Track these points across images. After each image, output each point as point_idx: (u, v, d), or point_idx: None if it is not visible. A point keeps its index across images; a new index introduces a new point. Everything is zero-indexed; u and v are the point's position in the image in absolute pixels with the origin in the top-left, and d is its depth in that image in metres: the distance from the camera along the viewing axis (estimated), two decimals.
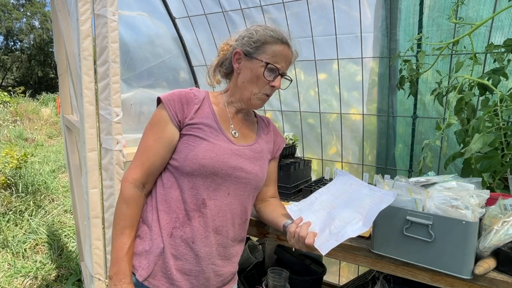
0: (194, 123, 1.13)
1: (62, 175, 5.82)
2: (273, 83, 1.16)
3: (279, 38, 1.15)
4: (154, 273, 1.09)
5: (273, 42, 1.15)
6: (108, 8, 1.48)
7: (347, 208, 1.10)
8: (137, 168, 1.12)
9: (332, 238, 1.02)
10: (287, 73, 1.22)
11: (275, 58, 1.14)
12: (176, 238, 1.10)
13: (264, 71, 1.14)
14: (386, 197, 1.05)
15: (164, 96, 1.14)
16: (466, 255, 0.96)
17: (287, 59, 1.17)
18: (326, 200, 1.17)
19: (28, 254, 3.39)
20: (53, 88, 20.47)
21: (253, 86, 1.16)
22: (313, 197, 1.20)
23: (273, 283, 1.61)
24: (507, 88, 1.54)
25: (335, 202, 1.15)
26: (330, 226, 1.06)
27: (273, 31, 1.16)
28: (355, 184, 1.18)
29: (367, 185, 1.15)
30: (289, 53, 1.18)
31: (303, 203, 1.19)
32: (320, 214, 1.13)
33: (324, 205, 1.16)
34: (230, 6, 2.31)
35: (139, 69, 2.35)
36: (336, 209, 1.12)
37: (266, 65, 1.13)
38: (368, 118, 2.16)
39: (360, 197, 1.11)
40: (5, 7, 24.52)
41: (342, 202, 1.14)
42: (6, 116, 10.02)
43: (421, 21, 1.79)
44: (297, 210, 1.16)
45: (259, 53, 1.15)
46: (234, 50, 1.19)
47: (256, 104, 1.20)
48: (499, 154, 1.28)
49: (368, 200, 1.08)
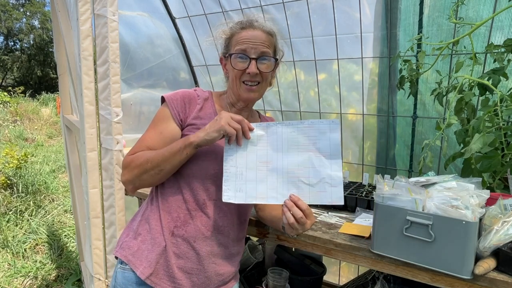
0: (196, 123, 1.14)
1: (62, 175, 5.82)
2: (248, 70, 1.12)
3: (239, 26, 1.15)
4: (156, 271, 1.10)
5: (236, 33, 1.15)
6: (108, 8, 1.48)
7: (288, 154, 1.03)
8: (133, 152, 1.14)
9: (325, 186, 1.00)
10: (278, 56, 1.20)
11: (241, 45, 1.12)
12: (178, 237, 1.11)
13: (232, 63, 1.13)
14: (322, 125, 1.02)
15: (168, 95, 1.16)
16: (466, 255, 0.96)
17: (257, 39, 1.12)
18: (247, 161, 1.04)
19: (28, 254, 3.39)
20: (53, 88, 20.46)
21: (235, 81, 1.16)
22: (228, 168, 1.04)
23: (273, 283, 1.61)
24: (507, 88, 1.54)
25: (264, 157, 1.04)
26: (295, 179, 1.02)
27: (238, 22, 1.16)
28: (261, 128, 1.06)
29: (275, 124, 1.06)
30: (257, 33, 1.13)
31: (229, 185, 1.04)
32: (261, 176, 1.04)
33: (252, 166, 1.04)
34: (230, 6, 2.31)
35: (139, 69, 2.35)
36: (274, 162, 1.04)
37: (230, 56, 1.13)
38: (368, 118, 2.16)
39: (289, 138, 1.04)
40: (5, 7, 24.52)
41: (270, 153, 1.04)
42: (6, 116, 10.02)
43: (421, 21, 1.79)
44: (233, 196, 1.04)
45: (230, 49, 1.16)
46: (220, 58, 1.22)
47: (246, 96, 1.17)
48: (499, 154, 1.28)
49: (300, 136, 1.03)
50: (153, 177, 1.09)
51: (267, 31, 1.15)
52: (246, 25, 1.14)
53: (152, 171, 1.07)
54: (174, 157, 1.05)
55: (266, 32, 1.15)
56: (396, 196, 1.06)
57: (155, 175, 1.08)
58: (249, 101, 1.21)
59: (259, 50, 1.12)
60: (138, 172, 1.08)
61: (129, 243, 1.15)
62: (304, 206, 0.99)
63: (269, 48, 1.15)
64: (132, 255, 1.12)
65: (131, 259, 1.12)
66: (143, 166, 1.07)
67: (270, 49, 1.16)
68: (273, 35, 1.18)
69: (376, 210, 1.10)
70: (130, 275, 1.11)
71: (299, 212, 0.98)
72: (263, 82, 1.17)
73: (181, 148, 1.04)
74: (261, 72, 1.14)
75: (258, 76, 1.14)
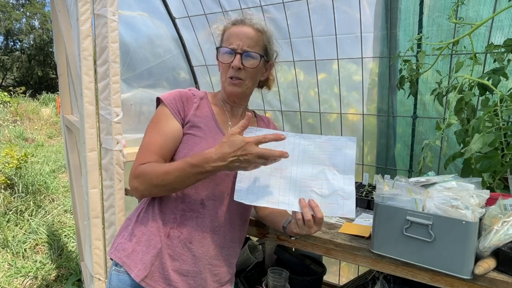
0: (193, 122, 1.14)
1: (62, 175, 5.82)
2: (232, 64, 1.13)
3: (230, 22, 1.17)
4: (151, 274, 1.09)
5: (227, 28, 1.17)
6: (108, 8, 1.48)
7: (302, 165, 1.04)
8: (144, 161, 1.10)
9: (337, 199, 1.01)
10: (273, 57, 1.22)
11: (229, 40, 1.14)
12: (174, 239, 1.10)
13: (218, 56, 1.15)
14: (339, 142, 1.03)
15: (164, 96, 1.15)
16: (466, 255, 0.96)
17: (244, 35, 1.13)
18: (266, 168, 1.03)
19: (28, 254, 3.39)
20: (53, 88, 20.43)
21: (222, 75, 1.17)
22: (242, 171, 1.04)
23: (273, 283, 1.61)
24: (507, 88, 1.54)
25: (279, 164, 1.03)
26: (307, 189, 1.02)
27: (229, 19, 1.19)
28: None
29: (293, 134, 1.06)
30: (246, 29, 1.14)
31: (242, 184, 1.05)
32: (274, 181, 1.04)
33: (265, 170, 1.04)
34: (230, 6, 2.31)
35: (139, 69, 2.35)
36: (288, 170, 1.04)
37: (217, 51, 1.14)
38: (368, 118, 2.15)
39: (306, 150, 1.05)
40: (5, 7, 24.51)
41: (285, 162, 1.03)
42: (6, 116, 10.01)
43: (421, 21, 1.79)
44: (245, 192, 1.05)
45: (221, 45, 1.18)
46: (216, 56, 1.22)
47: (229, 90, 1.17)
48: (499, 154, 1.28)
49: (317, 150, 1.04)
50: (165, 192, 1.09)
51: (257, 28, 1.15)
52: (238, 21, 1.16)
53: (164, 188, 1.06)
54: (188, 180, 1.02)
55: (255, 29, 1.15)
56: (396, 196, 1.06)
57: (166, 192, 1.09)
58: (234, 96, 1.19)
59: (245, 45, 1.12)
60: (149, 186, 1.06)
61: (123, 245, 1.13)
62: (320, 214, 0.99)
63: (257, 44, 1.15)
64: (127, 257, 1.11)
65: (125, 261, 1.10)
66: (154, 182, 1.04)
67: (258, 45, 1.15)
68: (263, 32, 1.17)
69: (376, 210, 1.10)
70: (125, 277, 1.10)
71: (309, 214, 0.99)
72: (247, 79, 1.16)
73: (195, 174, 1.00)
74: (246, 68, 1.13)
75: (242, 72, 1.13)
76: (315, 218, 0.99)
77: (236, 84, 1.15)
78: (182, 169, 1.00)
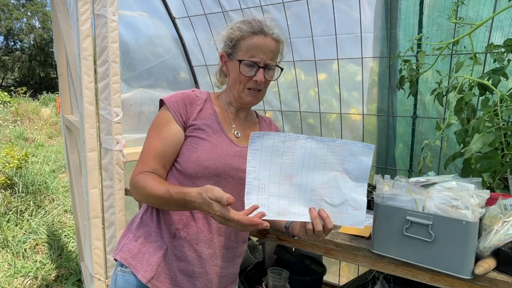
0: (197, 124, 1.13)
1: (62, 175, 5.82)
2: (255, 78, 1.12)
3: (252, 30, 1.12)
4: (157, 275, 1.09)
5: (247, 37, 1.12)
6: (108, 8, 1.48)
7: (313, 170, 0.99)
8: (142, 169, 1.11)
9: (348, 209, 0.99)
10: (277, 60, 1.20)
11: (251, 52, 1.11)
12: (180, 240, 1.10)
13: (239, 69, 1.13)
14: (354, 147, 0.98)
15: (167, 98, 1.14)
16: (466, 255, 0.96)
17: (267, 48, 1.12)
18: (270, 173, 0.99)
19: (28, 254, 3.39)
20: (53, 88, 20.42)
21: (238, 85, 1.16)
22: (251, 180, 0.99)
23: (273, 283, 1.61)
24: (507, 88, 1.54)
25: (288, 171, 0.99)
26: (317, 198, 0.99)
27: (247, 24, 1.13)
28: (289, 140, 0.99)
29: (306, 137, 1.00)
30: (268, 41, 1.12)
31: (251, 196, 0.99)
32: (284, 190, 0.99)
33: (275, 179, 0.99)
34: (230, 6, 2.31)
35: (139, 69, 2.35)
36: (298, 177, 1.00)
37: (239, 63, 1.12)
38: (368, 118, 2.15)
39: (317, 154, 0.99)
40: (6, 7, 24.51)
41: (295, 168, 0.99)
42: (6, 116, 10.01)
43: (421, 21, 1.79)
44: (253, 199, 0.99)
45: (237, 52, 1.14)
46: (220, 53, 1.20)
47: (248, 101, 1.18)
48: (499, 154, 1.28)
49: (329, 154, 0.99)
50: (161, 207, 1.12)
51: (277, 39, 1.15)
52: (257, 30, 1.12)
53: (158, 205, 1.11)
54: (177, 207, 1.03)
55: (275, 39, 1.14)
56: (396, 196, 1.06)
57: (162, 207, 1.11)
58: (251, 105, 1.23)
59: (268, 59, 1.13)
60: (143, 199, 1.11)
61: (129, 246, 1.14)
62: (330, 225, 0.98)
63: (276, 56, 1.17)
64: (133, 258, 1.11)
65: (131, 262, 1.11)
66: (146, 199, 1.08)
67: (276, 56, 1.17)
68: (281, 42, 1.18)
69: (376, 210, 1.10)
70: (131, 278, 1.10)
71: (320, 225, 0.97)
72: (264, 88, 1.19)
73: (185, 204, 0.99)
74: (266, 80, 1.15)
75: (262, 84, 1.16)
76: (325, 228, 0.98)
77: (255, 95, 1.17)
78: (175, 192, 0.99)
